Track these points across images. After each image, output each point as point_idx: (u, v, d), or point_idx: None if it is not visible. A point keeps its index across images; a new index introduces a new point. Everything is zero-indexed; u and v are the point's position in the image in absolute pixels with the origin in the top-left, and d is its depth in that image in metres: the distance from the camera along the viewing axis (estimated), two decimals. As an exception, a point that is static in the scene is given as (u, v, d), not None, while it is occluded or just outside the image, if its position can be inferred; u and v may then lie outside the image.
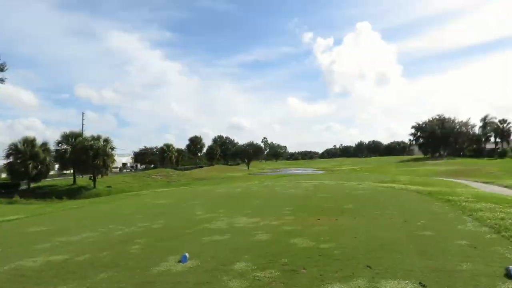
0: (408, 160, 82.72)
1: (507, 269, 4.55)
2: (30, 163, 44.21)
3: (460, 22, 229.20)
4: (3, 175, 53.13)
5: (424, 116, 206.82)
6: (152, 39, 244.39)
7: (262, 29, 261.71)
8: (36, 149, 46.15)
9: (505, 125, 79.03)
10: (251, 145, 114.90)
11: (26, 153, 44.92)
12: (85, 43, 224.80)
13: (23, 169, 44.14)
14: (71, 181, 50.15)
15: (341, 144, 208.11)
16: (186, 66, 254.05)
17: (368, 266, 5.14)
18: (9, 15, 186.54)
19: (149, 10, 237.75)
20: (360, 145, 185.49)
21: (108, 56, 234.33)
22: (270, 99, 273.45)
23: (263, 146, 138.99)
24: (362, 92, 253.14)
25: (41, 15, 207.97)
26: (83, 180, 50.58)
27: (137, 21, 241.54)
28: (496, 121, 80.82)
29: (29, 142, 46.57)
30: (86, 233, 9.36)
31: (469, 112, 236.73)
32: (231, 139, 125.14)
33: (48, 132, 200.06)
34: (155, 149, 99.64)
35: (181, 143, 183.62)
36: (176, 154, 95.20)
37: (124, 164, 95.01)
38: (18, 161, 44.82)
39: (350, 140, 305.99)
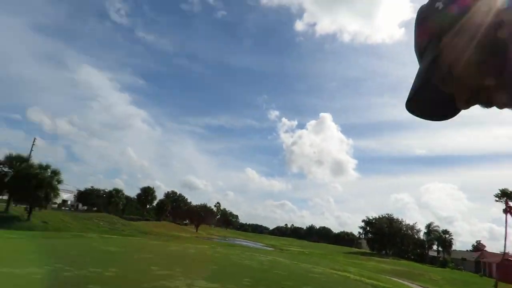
0: (355, 253, 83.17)
1: None
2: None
3: (409, 134, 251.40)
4: None
5: (372, 212, 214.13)
6: (123, 82, 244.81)
7: (232, 98, 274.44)
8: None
9: (447, 235, 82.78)
10: (204, 207, 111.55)
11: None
12: (50, 68, 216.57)
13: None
14: (3, 208, 45.31)
15: (292, 224, 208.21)
16: (151, 116, 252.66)
17: None
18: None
19: (126, 55, 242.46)
20: (311, 229, 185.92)
21: (72, 86, 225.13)
22: (229, 165, 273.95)
23: (215, 210, 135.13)
24: (318, 177, 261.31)
25: (13, 31, 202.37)
26: (16, 209, 45.88)
27: (111, 61, 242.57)
28: (440, 230, 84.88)
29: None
30: (30, 267, 8.39)
31: (414, 217, 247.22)
32: (184, 197, 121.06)
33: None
34: (102, 192, 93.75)
35: (129, 191, 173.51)
36: (124, 201, 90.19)
37: (64, 201, 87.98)
38: None
39: (301, 221, 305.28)
